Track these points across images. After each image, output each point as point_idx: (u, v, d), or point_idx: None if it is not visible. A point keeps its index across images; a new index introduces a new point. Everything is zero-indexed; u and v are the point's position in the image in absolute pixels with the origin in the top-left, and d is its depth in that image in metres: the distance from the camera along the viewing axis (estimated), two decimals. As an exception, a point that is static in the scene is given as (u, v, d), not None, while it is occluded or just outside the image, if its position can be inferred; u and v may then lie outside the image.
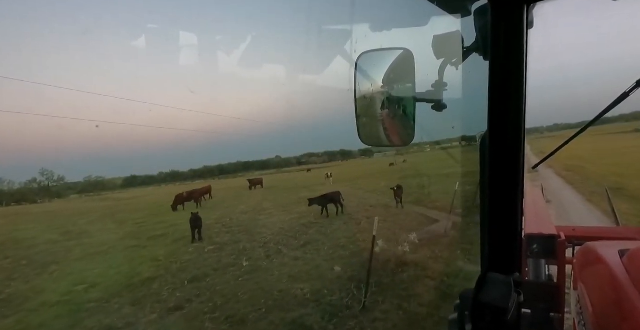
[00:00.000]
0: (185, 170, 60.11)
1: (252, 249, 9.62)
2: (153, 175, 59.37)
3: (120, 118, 40.09)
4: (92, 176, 47.51)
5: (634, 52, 62.37)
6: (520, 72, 0.86)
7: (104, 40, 45.30)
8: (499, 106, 0.89)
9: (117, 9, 46.49)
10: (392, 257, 7.52)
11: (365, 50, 0.99)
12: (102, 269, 9.13)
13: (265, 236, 10.93)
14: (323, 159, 77.65)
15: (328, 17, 1.74)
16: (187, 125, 47.71)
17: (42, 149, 48.88)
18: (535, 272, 1.83)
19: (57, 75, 51.15)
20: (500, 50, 0.87)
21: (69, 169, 48.10)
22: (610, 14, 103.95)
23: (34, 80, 51.36)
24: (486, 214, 0.94)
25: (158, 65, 57.79)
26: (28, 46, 44.32)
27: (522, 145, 0.90)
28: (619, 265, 1.17)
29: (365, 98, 1.00)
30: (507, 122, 0.88)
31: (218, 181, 46.22)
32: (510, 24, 0.85)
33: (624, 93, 1.16)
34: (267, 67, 47.57)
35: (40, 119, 40.96)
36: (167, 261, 9.20)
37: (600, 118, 1.27)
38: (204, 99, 55.51)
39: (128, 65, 58.59)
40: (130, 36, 52.98)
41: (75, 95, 44.96)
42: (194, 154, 71.47)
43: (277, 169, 67.73)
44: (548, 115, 79.06)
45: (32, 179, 38.40)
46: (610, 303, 1.14)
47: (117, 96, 48.19)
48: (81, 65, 52.67)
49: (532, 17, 0.90)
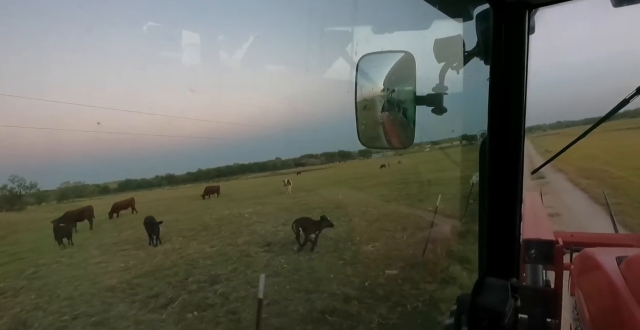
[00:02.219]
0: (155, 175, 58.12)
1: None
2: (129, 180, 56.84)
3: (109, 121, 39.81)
4: (70, 182, 45.48)
5: (633, 55, 62.70)
6: (521, 77, 0.87)
7: (105, 41, 45.40)
8: (499, 110, 0.89)
9: (118, 10, 46.78)
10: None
11: (366, 52, 0.99)
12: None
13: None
14: (321, 160, 77.80)
15: (329, 19, 1.75)
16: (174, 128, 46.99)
17: (29, 154, 48.08)
18: (533, 278, 1.82)
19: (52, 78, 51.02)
20: (502, 54, 0.87)
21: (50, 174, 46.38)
22: (610, 18, 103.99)
23: (32, 81, 51.32)
24: (485, 219, 0.94)
25: (158, 66, 57.74)
26: (26, 46, 44.14)
27: (522, 150, 0.90)
28: (616, 271, 1.17)
29: (365, 100, 1.00)
30: (506, 127, 0.89)
31: (180, 188, 39.77)
32: (512, 29, 0.86)
33: (624, 100, 1.17)
34: (269, 68, 47.48)
35: (33, 121, 40.14)
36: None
37: (600, 124, 1.28)
38: (205, 100, 55.57)
39: (128, 66, 58.78)
40: (131, 37, 53.13)
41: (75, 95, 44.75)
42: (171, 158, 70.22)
43: (273, 170, 67.78)
44: (550, 113, 79.06)
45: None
46: (607, 310, 1.14)
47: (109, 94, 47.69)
48: (80, 67, 52.74)
49: (533, 22, 0.90)
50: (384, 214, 11.61)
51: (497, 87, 0.90)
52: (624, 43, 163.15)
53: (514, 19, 0.86)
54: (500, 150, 0.91)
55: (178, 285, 6.86)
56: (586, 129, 1.26)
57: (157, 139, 39.50)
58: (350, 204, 14.42)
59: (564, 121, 49.13)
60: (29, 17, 41.21)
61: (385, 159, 38.23)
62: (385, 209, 12.59)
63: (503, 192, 0.92)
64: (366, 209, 12.91)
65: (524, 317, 1.03)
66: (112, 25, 45.13)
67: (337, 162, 74.78)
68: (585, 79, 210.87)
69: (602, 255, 1.36)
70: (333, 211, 12.10)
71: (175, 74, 47.27)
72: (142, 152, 66.84)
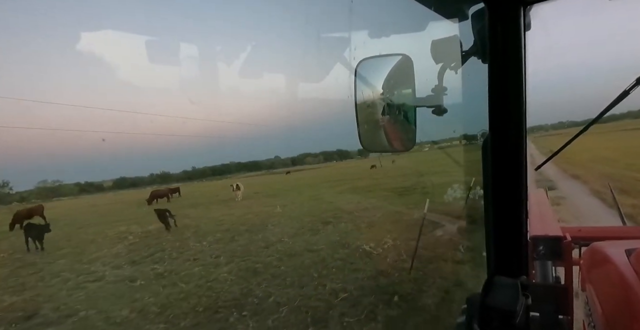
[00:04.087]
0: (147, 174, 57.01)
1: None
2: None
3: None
4: (48, 180, 44.56)
5: (632, 50, 62.08)
6: (519, 74, 0.87)
7: (104, 49, 45.68)
8: (499, 109, 0.89)
9: (117, 17, 47.06)
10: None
11: (364, 57, 1.00)
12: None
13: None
14: (318, 160, 78.16)
15: (326, 25, 1.75)
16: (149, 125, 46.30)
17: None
18: (542, 274, 1.81)
19: (53, 85, 50.90)
20: (499, 52, 0.88)
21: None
22: (607, 13, 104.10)
23: (33, 88, 51.54)
24: (491, 218, 0.94)
25: (158, 72, 58.16)
26: (27, 53, 44.40)
27: (524, 147, 0.90)
28: (626, 264, 1.16)
29: (365, 104, 1.01)
30: (508, 124, 0.89)
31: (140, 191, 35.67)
32: (508, 26, 0.86)
33: (624, 91, 1.16)
34: (266, 75, 47.94)
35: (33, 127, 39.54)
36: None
37: (602, 117, 1.27)
38: (204, 105, 55.87)
39: (128, 71, 59.09)
40: (131, 44, 53.63)
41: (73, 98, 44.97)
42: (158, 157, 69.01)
43: (267, 170, 67.86)
44: (553, 114, 78.90)
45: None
46: (619, 303, 1.13)
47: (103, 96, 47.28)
48: (80, 73, 52.91)
49: (529, 19, 0.90)
50: (309, 245, 7.99)
51: (496, 84, 0.90)
52: (620, 36, 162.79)
53: (509, 16, 0.86)
54: (502, 147, 0.91)
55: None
56: (587, 128, 1.25)
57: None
58: (281, 222, 11.38)
59: (565, 121, 48.87)
60: (28, 18, 40.98)
61: (378, 159, 37.01)
62: (317, 237, 8.80)
63: (508, 190, 0.92)
64: (281, 238, 9.13)
65: (536, 315, 1.02)
66: (112, 28, 45.31)
67: (334, 161, 75.09)
68: (585, 78, 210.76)
69: (611, 249, 1.36)
70: (242, 235, 9.64)
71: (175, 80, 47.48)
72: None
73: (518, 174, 0.91)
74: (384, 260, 6.48)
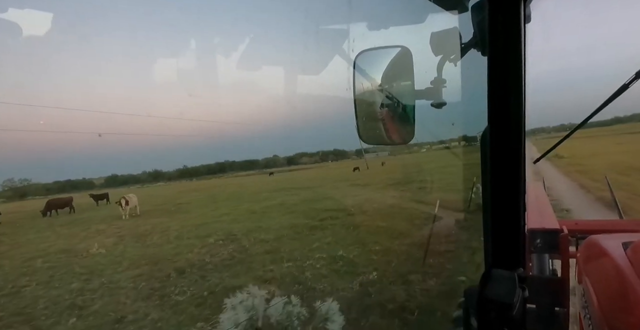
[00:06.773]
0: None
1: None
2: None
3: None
4: (15, 179, 44.54)
5: (633, 43, 62.05)
6: (519, 66, 0.86)
7: (102, 45, 45.28)
8: (499, 101, 0.89)
9: (115, 14, 46.59)
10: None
11: (363, 49, 0.99)
12: None
13: None
14: (314, 159, 78.05)
15: (325, 17, 1.74)
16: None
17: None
18: (539, 267, 1.83)
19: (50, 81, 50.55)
20: (499, 45, 0.87)
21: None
22: (608, 6, 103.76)
23: (31, 86, 51.19)
24: (489, 211, 0.94)
25: (155, 68, 57.74)
26: (24, 49, 43.99)
27: (523, 140, 0.90)
28: (623, 257, 1.17)
29: (364, 97, 1.00)
30: (507, 117, 0.88)
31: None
32: (508, 18, 0.85)
33: (624, 85, 1.16)
34: (265, 68, 47.74)
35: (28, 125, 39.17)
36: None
37: (601, 110, 1.27)
38: (202, 101, 55.37)
39: (126, 68, 58.60)
40: (128, 40, 53.21)
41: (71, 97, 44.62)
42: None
43: (259, 169, 67.59)
44: (554, 116, 78.87)
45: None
46: (615, 296, 1.14)
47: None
48: (78, 70, 52.55)
49: (529, 11, 0.89)
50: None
51: (495, 77, 0.89)
52: (621, 28, 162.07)
53: (510, 8, 0.85)
54: (501, 140, 0.91)
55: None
56: (586, 128, 1.25)
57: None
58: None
59: (567, 124, 49.10)
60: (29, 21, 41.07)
61: (364, 160, 35.25)
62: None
63: (506, 183, 0.92)
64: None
65: (533, 307, 1.03)
66: (111, 28, 44.87)
67: (330, 161, 74.76)
68: (585, 72, 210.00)
69: (608, 242, 1.36)
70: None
71: (172, 75, 47.16)
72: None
73: (517, 167, 0.90)
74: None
